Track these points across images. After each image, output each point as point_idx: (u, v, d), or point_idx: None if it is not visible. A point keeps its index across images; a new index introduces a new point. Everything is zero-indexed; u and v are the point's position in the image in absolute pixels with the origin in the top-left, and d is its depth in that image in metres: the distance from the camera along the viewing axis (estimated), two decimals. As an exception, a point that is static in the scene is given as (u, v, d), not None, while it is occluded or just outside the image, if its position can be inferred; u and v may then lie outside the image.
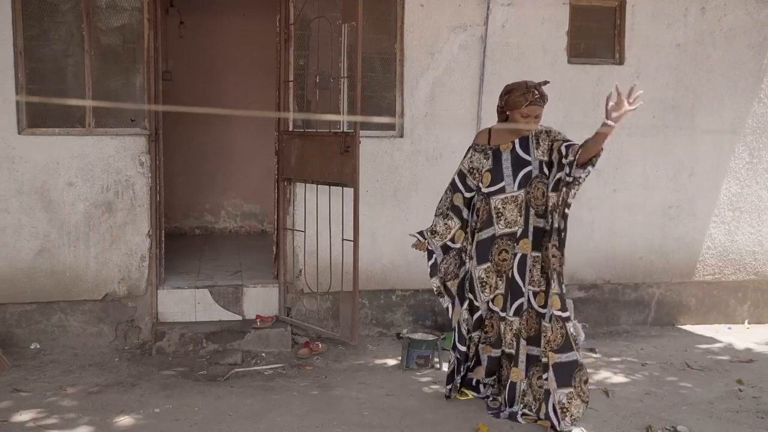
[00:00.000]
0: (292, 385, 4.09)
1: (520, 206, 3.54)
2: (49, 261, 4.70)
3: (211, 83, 7.29)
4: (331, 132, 4.55)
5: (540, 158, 3.53)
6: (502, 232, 3.57)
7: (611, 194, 5.34)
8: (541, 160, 3.53)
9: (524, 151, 3.56)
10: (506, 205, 3.55)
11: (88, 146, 4.69)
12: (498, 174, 3.56)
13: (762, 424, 3.58)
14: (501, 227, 3.57)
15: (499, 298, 3.64)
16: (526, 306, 3.58)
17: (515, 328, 3.60)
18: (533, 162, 3.54)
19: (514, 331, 3.60)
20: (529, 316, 3.57)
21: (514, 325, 3.60)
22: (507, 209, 3.55)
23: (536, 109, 3.49)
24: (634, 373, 4.37)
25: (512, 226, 3.56)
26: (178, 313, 4.88)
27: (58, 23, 4.69)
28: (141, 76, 4.76)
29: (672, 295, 5.54)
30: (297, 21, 4.78)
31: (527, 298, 3.57)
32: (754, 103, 5.47)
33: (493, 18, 5.05)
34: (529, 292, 3.56)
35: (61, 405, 3.73)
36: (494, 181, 3.56)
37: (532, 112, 3.48)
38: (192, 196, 7.46)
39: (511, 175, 3.54)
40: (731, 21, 5.36)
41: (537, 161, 3.53)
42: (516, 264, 3.57)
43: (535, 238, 3.55)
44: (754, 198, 5.55)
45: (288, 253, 4.98)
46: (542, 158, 3.53)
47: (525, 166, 3.54)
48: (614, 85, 3.31)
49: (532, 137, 3.57)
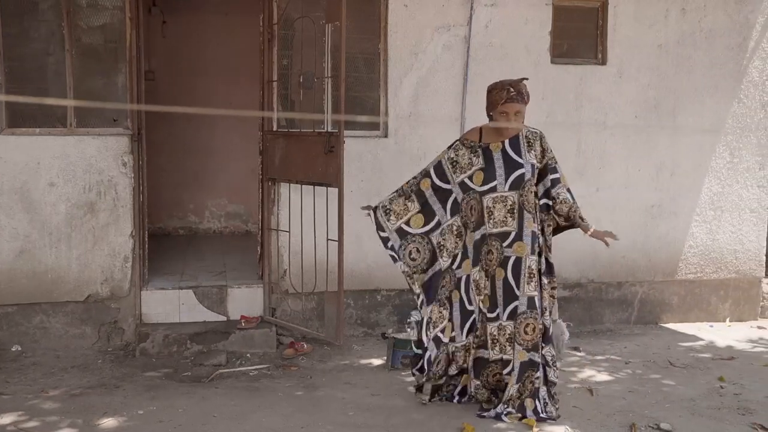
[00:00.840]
0: (277, 386, 4.07)
1: (512, 208, 3.54)
2: (30, 262, 4.65)
3: (195, 83, 7.24)
4: (315, 132, 4.55)
5: (532, 161, 3.55)
6: (491, 232, 3.57)
7: (594, 194, 5.37)
8: (533, 164, 3.55)
9: (515, 151, 3.56)
10: (496, 204, 3.55)
11: (70, 146, 4.65)
12: (491, 173, 3.55)
13: (743, 421, 3.63)
14: (491, 226, 3.57)
15: (485, 299, 3.63)
16: (521, 310, 3.56)
17: (509, 332, 3.58)
18: (525, 165, 3.55)
19: (508, 336, 3.59)
20: (526, 321, 3.56)
21: (507, 330, 3.59)
22: (496, 208, 3.55)
23: (514, 106, 3.49)
24: (618, 371, 4.40)
25: (500, 225, 3.56)
26: (162, 314, 4.85)
27: (38, 22, 4.64)
28: (123, 76, 4.72)
29: (655, 293, 5.59)
30: (280, 20, 4.77)
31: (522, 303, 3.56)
32: (733, 103, 5.53)
33: (477, 18, 5.07)
34: (524, 297, 3.55)
35: (43, 408, 3.69)
36: (486, 180, 3.56)
37: (510, 109, 3.50)
38: (176, 197, 7.41)
39: (503, 174, 3.54)
40: (711, 22, 5.42)
41: (529, 164, 3.55)
42: (510, 267, 3.55)
43: (533, 242, 3.56)
44: (735, 197, 5.62)
45: (273, 254, 4.96)
46: (534, 162, 3.55)
47: (517, 167, 3.54)
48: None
49: (522, 138, 3.58)
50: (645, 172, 5.45)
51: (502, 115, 3.52)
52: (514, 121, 3.51)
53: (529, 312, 3.55)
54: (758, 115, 5.57)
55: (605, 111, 5.33)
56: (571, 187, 5.22)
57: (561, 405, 3.73)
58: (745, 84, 5.52)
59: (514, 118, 3.51)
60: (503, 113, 3.51)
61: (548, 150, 3.61)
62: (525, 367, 3.57)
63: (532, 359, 3.58)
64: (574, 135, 5.29)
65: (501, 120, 3.52)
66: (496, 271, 3.58)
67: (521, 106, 3.52)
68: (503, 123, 3.52)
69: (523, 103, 3.53)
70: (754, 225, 5.67)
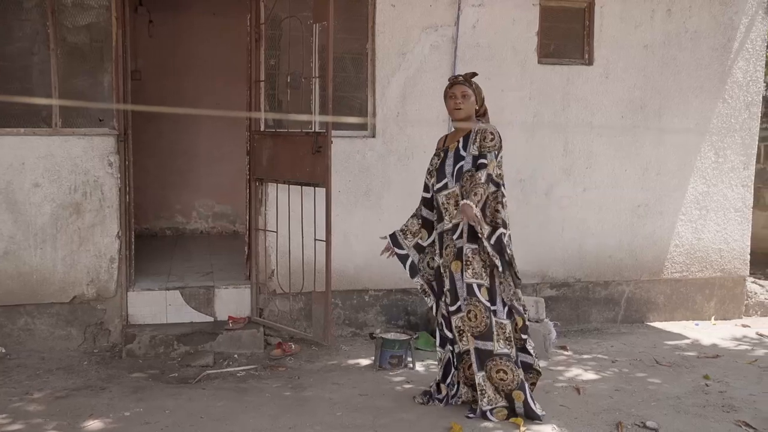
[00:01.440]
0: (265, 387, 4.06)
1: (457, 201, 3.59)
2: (15, 263, 4.61)
3: (181, 82, 7.21)
4: (302, 132, 4.54)
5: (473, 153, 3.59)
6: (447, 228, 3.64)
7: (581, 193, 5.40)
8: (474, 155, 3.58)
9: (464, 148, 3.64)
10: (449, 200, 3.62)
11: (55, 146, 4.61)
12: (441, 172, 3.67)
13: (727, 418, 3.66)
14: (446, 223, 3.64)
15: (447, 293, 3.65)
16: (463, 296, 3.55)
17: (457, 324, 3.61)
18: (467, 157, 3.60)
19: (459, 327, 3.61)
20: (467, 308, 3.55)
21: (454, 322, 3.62)
22: (450, 204, 3.62)
23: (459, 88, 3.65)
24: (605, 370, 4.42)
25: (453, 219, 3.60)
26: (149, 315, 4.82)
27: (22, 21, 4.60)
28: (109, 76, 4.69)
29: (641, 292, 5.62)
30: (268, 20, 4.76)
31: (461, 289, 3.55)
32: (718, 104, 5.58)
33: (464, 18, 5.08)
34: (463, 285, 3.55)
35: (27, 410, 3.66)
36: (438, 178, 3.68)
37: (457, 91, 3.65)
38: (163, 197, 7.38)
39: (452, 172, 3.62)
40: (696, 23, 5.47)
41: (470, 156, 3.59)
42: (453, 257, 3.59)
43: (471, 230, 3.55)
44: (720, 197, 5.66)
45: (260, 254, 4.95)
46: (475, 153, 3.59)
47: (460, 161, 3.62)
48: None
49: (473, 134, 3.62)
50: (631, 171, 5.49)
51: (450, 98, 3.67)
52: (461, 103, 3.61)
53: (468, 298, 3.54)
54: (742, 116, 5.62)
55: (592, 111, 5.36)
56: (557, 186, 5.34)
57: (548, 404, 3.75)
58: (730, 84, 5.57)
59: (462, 100, 3.62)
60: (451, 96, 3.66)
61: (486, 139, 3.57)
62: (483, 356, 3.54)
63: (485, 348, 3.54)
64: (560, 135, 5.32)
65: (449, 104, 3.66)
66: (452, 264, 3.60)
67: (467, 89, 3.64)
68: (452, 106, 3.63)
69: (470, 87, 3.65)
70: (739, 224, 5.72)
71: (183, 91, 7.19)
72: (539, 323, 4.69)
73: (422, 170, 3.85)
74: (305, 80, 4.58)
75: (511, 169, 5.25)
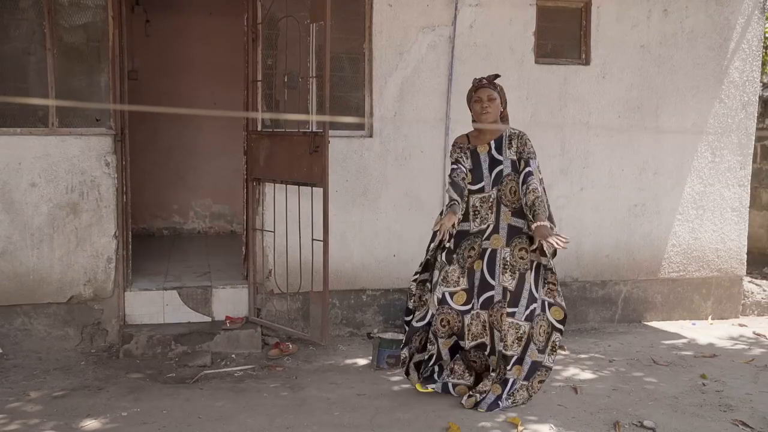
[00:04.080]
0: (263, 386, 4.06)
1: (492, 204, 3.65)
2: (11, 263, 4.60)
3: (178, 82, 7.21)
4: (300, 132, 4.54)
5: (511, 158, 3.66)
6: (476, 230, 3.68)
7: (578, 193, 5.41)
8: (512, 159, 3.65)
9: (498, 151, 3.68)
10: (483, 204, 3.67)
11: (52, 146, 4.61)
12: (478, 174, 3.68)
13: (724, 417, 3.66)
14: (476, 225, 3.68)
15: (461, 295, 3.70)
16: (496, 299, 3.66)
17: (483, 319, 3.69)
18: (505, 161, 3.66)
19: (483, 322, 3.69)
20: (499, 312, 3.64)
21: (482, 317, 3.69)
22: (483, 208, 3.67)
23: (485, 91, 3.65)
24: (602, 370, 4.43)
25: (483, 223, 3.68)
26: (146, 315, 4.81)
27: (18, 20, 4.59)
28: (106, 75, 4.68)
29: (638, 292, 5.63)
30: (264, 20, 4.75)
31: (498, 292, 3.65)
32: (715, 104, 5.59)
33: (461, 18, 5.08)
34: (499, 287, 3.64)
35: (25, 410, 3.65)
36: (475, 180, 3.68)
37: (482, 94, 3.66)
38: (160, 197, 7.37)
39: (489, 176, 3.67)
40: (693, 23, 5.48)
41: (509, 160, 3.66)
42: (486, 260, 3.64)
43: (509, 236, 3.64)
44: (717, 197, 5.67)
45: (257, 254, 4.95)
46: (513, 157, 3.65)
47: (498, 165, 3.67)
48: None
49: (505, 138, 3.69)
50: (628, 171, 5.49)
51: (476, 102, 3.67)
52: (488, 106, 3.62)
53: (504, 302, 3.63)
54: (739, 116, 5.63)
55: (589, 111, 5.37)
56: (555, 186, 5.34)
57: (546, 403, 3.76)
58: (726, 84, 5.58)
59: (488, 104, 3.63)
60: (477, 100, 3.66)
61: (527, 145, 3.69)
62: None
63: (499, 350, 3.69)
64: (558, 135, 5.32)
65: (476, 108, 3.66)
66: (475, 264, 3.66)
67: (493, 92, 3.66)
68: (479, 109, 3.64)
69: (495, 90, 3.66)
70: (736, 224, 5.73)
71: (180, 90, 7.18)
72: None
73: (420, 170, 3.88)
74: (302, 80, 4.58)
75: (509, 168, 5.28)
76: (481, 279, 3.69)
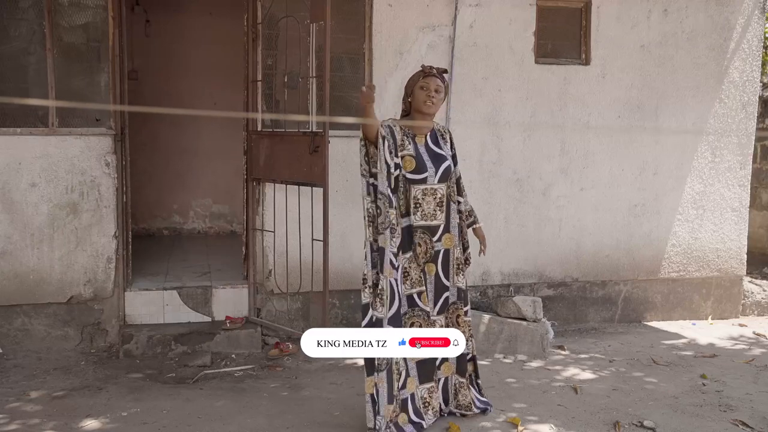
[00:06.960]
0: (263, 386, 4.06)
1: (440, 201, 3.47)
2: (11, 263, 4.60)
3: (178, 82, 7.21)
4: (300, 132, 4.54)
5: (450, 153, 3.55)
6: (418, 224, 3.45)
7: (578, 193, 5.41)
8: (452, 155, 3.55)
9: (435, 144, 3.50)
10: (425, 196, 3.44)
11: (52, 146, 4.61)
12: (421, 163, 3.42)
13: (724, 417, 3.66)
14: (417, 219, 3.44)
15: (425, 296, 3.49)
16: (452, 300, 3.55)
17: (440, 326, 3.52)
18: (448, 157, 3.52)
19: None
20: (455, 313, 3.55)
21: (437, 324, 3.52)
22: (425, 201, 3.43)
23: (434, 81, 3.40)
24: (602, 370, 4.43)
25: (429, 219, 3.46)
26: (146, 315, 4.81)
27: (18, 20, 4.59)
28: (106, 75, 4.68)
29: (638, 292, 5.63)
30: (264, 20, 4.76)
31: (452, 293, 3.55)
32: (715, 104, 5.59)
33: (461, 18, 5.08)
34: (454, 288, 3.54)
35: (25, 410, 3.66)
36: (417, 169, 3.41)
37: (431, 83, 3.39)
38: (160, 197, 7.37)
39: (433, 167, 3.44)
40: (692, 23, 5.48)
41: (449, 157, 3.53)
42: (440, 260, 3.50)
43: (459, 233, 3.56)
44: (717, 197, 5.67)
45: (257, 254, 4.95)
46: (451, 153, 3.55)
47: (443, 160, 3.48)
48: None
49: (438, 132, 3.55)
50: (628, 171, 5.49)
51: (422, 89, 3.40)
52: (434, 97, 3.40)
53: (459, 303, 3.55)
54: (739, 116, 5.63)
55: (589, 111, 5.37)
56: (555, 186, 5.35)
57: (546, 403, 3.77)
58: (726, 84, 5.58)
59: (435, 95, 3.41)
60: (424, 87, 3.40)
61: (454, 142, 3.60)
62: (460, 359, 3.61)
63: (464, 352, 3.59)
64: (558, 135, 5.32)
65: (420, 95, 3.40)
66: (427, 267, 3.49)
67: (441, 83, 3.43)
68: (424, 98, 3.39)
69: (443, 83, 3.45)
70: (736, 224, 5.73)
71: (180, 90, 7.18)
72: (537, 323, 4.70)
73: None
74: (302, 80, 4.59)
75: (508, 168, 5.28)
76: (436, 282, 3.51)
